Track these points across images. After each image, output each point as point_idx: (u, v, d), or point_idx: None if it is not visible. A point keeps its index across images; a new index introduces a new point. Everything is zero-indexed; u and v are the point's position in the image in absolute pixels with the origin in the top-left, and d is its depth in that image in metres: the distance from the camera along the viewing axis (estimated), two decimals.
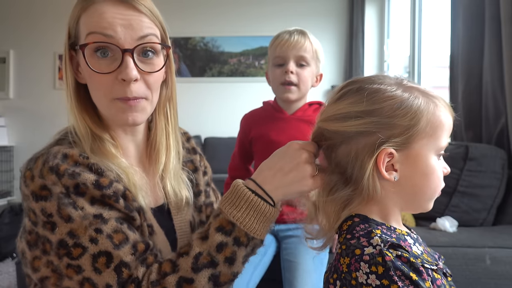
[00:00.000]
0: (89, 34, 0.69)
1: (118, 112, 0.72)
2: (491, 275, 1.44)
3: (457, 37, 2.20)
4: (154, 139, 0.84)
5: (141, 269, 0.67)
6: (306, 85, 1.33)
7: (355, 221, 0.62)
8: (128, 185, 0.73)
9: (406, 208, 0.65)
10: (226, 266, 0.66)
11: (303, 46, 1.29)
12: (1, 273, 2.49)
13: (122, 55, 0.69)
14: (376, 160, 0.60)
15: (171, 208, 0.84)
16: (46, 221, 0.66)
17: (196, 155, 0.96)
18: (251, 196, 0.66)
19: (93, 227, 0.66)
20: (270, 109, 1.43)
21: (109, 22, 0.69)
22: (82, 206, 0.66)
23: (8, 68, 4.19)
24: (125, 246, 0.67)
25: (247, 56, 4.24)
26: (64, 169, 0.67)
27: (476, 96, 2.06)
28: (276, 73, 1.34)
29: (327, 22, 4.12)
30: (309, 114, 1.37)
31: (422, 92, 0.62)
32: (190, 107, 4.15)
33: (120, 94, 0.71)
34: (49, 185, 0.66)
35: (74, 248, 0.65)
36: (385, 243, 0.55)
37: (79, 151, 0.72)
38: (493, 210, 1.79)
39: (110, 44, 0.69)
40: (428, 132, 0.60)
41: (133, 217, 0.71)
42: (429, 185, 0.62)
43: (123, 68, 0.69)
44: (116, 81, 0.70)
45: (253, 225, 0.66)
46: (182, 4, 4.16)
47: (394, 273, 0.52)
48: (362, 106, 0.61)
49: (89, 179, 0.68)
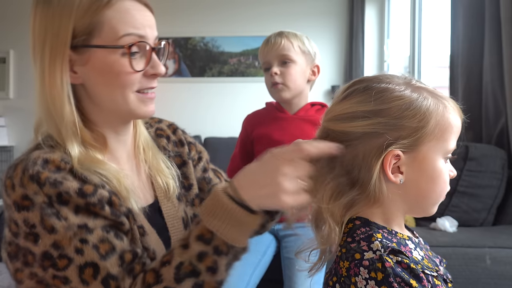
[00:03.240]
0: (126, 35, 0.71)
1: (140, 104, 0.76)
2: (491, 275, 1.44)
3: (457, 37, 2.20)
4: (138, 134, 0.85)
5: (127, 281, 0.65)
6: (293, 82, 1.35)
7: (356, 224, 0.61)
8: (119, 189, 0.71)
9: (410, 211, 0.64)
10: (209, 275, 0.63)
11: (280, 46, 1.35)
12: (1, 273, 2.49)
13: (150, 52, 0.74)
14: (383, 162, 0.58)
15: (161, 205, 0.82)
16: (28, 232, 0.64)
17: (183, 147, 0.92)
18: (229, 204, 0.63)
19: (78, 237, 0.64)
20: (272, 110, 1.44)
21: (141, 22, 0.73)
22: (66, 217, 0.64)
23: (8, 68, 4.18)
24: (111, 257, 0.65)
25: (247, 56, 4.24)
26: (45, 177, 0.65)
27: (476, 96, 2.06)
28: (266, 78, 1.40)
29: (327, 22, 4.11)
30: (311, 114, 1.38)
31: (431, 93, 0.60)
32: (190, 107, 4.14)
33: (146, 85, 0.76)
34: (31, 195, 0.64)
35: (60, 260, 0.63)
36: (385, 248, 0.54)
37: (60, 155, 0.69)
38: (493, 210, 1.79)
39: (146, 43, 0.73)
40: (437, 135, 0.59)
41: (121, 222, 0.69)
42: (434, 189, 0.60)
43: (154, 64, 0.75)
44: (142, 77, 0.75)
45: (232, 234, 0.63)
46: (182, 4, 4.16)
47: (393, 280, 0.51)
48: (369, 106, 0.59)
49: (72, 187, 0.65)
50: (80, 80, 0.74)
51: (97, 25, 0.70)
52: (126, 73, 0.72)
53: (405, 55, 3.46)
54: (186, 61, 4.28)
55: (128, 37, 0.71)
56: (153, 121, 0.94)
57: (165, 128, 0.93)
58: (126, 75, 0.72)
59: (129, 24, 0.71)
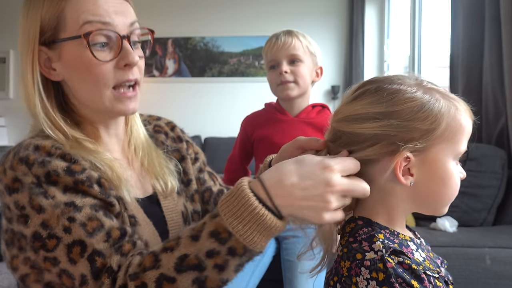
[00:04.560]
0: (86, 23, 0.68)
1: (117, 102, 0.72)
2: (491, 275, 1.44)
3: (457, 37, 2.20)
4: (130, 129, 0.84)
5: (115, 258, 0.63)
6: (304, 80, 1.34)
7: (359, 224, 0.61)
8: (111, 177, 0.71)
9: (420, 210, 0.63)
10: (215, 272, 0.59)
11: (291, 45, 1.33)
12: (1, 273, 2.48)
13: (121, 41, 0.70)
14: (393, 163, 0.57)
15: (160, 198, 0.82)
16: (19, 214, 0.64)
17: (182, 143, 0.92)
18: (257, 208, 0.56)
19: (65, 216, 0.63)
20: (272, 111, 1.43)
21: (105, 9, 0.69)
22: (53, 195, 0.64)
23: (8, 68, 4.18)
24: (98, 234, 0.63)
25: (247, 56, 4.24)
26: (33, 158, 0.65)
27: (476, 96, 2.06)
28: (272, 76, 1.37)
29: (327, 22, 4.11)
30: (312, 116, 1.38)
31: (442, 95, 0.59)
32: (190, 107, 4.14)
33: (122, 78, 0.71)
34: (20, 176, 0.64)
35: (49, 240, 0.62)
36: (387, 249, 0.54)
37: (51, 142, 0.69)
38: (493, 210, 1.80)
39: (111, 31, 0.69)
40: (447, 137, 0.58)
41: (111, 203, 0.68)
42: (446, 191, 0.60)
43: (125, 54, 0.70)
44: (115, 69, 0.71)
45: (255, 238, 0.57)
46: (182, 4, 4.16)
47: (395, 280, 0.51)
48: (381, 107, 0.58)
49: (60, 165, 0.65)
50: (60, 76, 0.73)
51: (60, 18, 0.69)
52: (94, 65, 0.69)
53: (405, 55, 3.46)
54: (186, 61, 4.28)
55: (89, 24, 0.68)
56: (152, 119, 0.94)
57: (163, 125, 0.93)
58: (95, 67, 0.69)
59: (90, 11, 0.68)
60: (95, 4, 0.68)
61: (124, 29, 0.71)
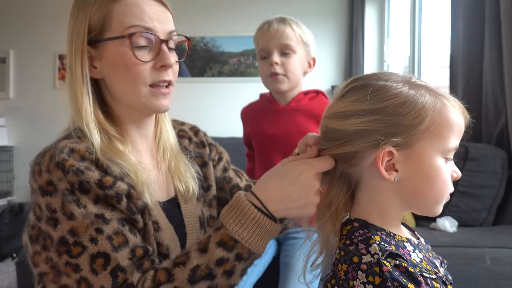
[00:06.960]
0: (130, 26, 0.73)
1: (152, 97, 0.76)
2: (491, 275, 1.44)
3: (457, 37, 2.20)
4: (159, 131, 0.87)
5: (136, 275, 0.66)
6: (294, 73, 1.29)
7: (355, 226, 0.61)
8: (136, 182, 0.73)
9: (409, 209, 0.63)
10: (224, 279, 0.66)
11: (283, 34, 1.26)
12: (1, 273, 2.49)
13: (160, 44, 0.76)
14: (376, 159, 0.58)
15: (180, 202, 0.85)
16: (50, 216, 0.67)
17: (205, 148, 0.96)
18: (257, 215, 0.65)
19: (94, 226, 0.66)
20: (265, 102, 1.40)
21: (149, 15, 0.75)
22: (85, 205, 0.67)
23: (8, 68, 4.18)
24: (123, 250, 0.67)
25: (247, 56, 4.24)
26: (69, 165, 0.68)
27: (476, 96, 2.06)
28: (263, 66, 1.32)
29: (327, 22, 4.11)
30: (304, 103, 1.33)
31: (430, 91, 0.59)
32: (190, 107, 4.14)
33: (158, 78, 0.76)
34: (55, 181, 0.67)
35: (74, 247, 0.65)
36: (383, 251, 0.54)
37: (85, 145, 0.72)
38: (493, 210, 1.79)
39: (152, 34, 0.75)
40: (433, 132, 0.57)
41: (135, 219, 0.71)
42: (432, 188, 0.59)
43: (163, 56, 0.76)
44: (152, 69, 0.75)
45: (257, 242, 0.66)
46: (181, 4, 4.15)
47: (391, 284, 0.51)
48: (365, 105, 0.58)
49: (92, 177, 0.68)
50: (100, 74, 0.77)
51: (107, 19, 0.74)
52: (134, 64, 0.74)
53: (405, 55, 3.45)
54: (186, 61, 4.28)
55: (133, 28, 0.73)
56: (176, 123, 0.97)
57: (187, 130, 0.97)
58: (134, 66, 0.74)
59: (136, 16, 0.74)
60: (141, 10, 0.74)
61: (164, 35, 0.77)
